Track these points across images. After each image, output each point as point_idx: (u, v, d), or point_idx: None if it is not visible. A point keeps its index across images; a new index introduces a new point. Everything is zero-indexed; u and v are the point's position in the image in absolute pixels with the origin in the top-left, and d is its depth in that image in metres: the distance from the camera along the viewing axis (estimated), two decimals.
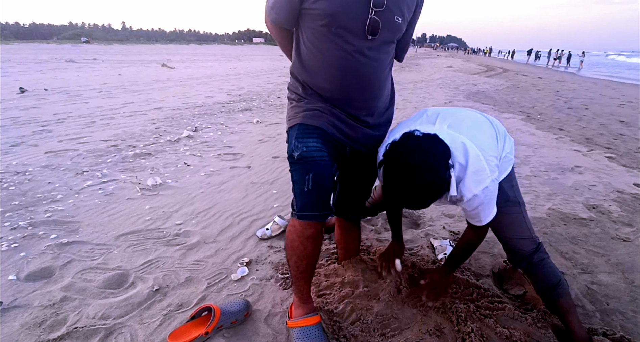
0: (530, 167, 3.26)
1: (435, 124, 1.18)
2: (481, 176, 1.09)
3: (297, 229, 1.23)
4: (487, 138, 1.19)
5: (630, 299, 1.57)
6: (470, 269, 1.73)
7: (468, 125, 1.18)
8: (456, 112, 1.26)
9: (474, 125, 1.20)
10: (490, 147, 1.16)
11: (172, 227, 2.06)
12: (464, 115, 1.25)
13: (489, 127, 1.25)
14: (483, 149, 1.11)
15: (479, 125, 1.22)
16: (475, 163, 1.08)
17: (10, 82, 8.01)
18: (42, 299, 1.46)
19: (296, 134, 1.17)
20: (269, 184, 2.73)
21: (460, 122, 1.18)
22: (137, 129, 4.17)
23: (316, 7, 1.03)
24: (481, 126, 1.22)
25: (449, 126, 1.16)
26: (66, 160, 3.07)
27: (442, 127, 1.16)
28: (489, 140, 1.18)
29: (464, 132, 1.13)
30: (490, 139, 1.19)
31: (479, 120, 1.25)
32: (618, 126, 5.21)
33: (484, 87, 9.65)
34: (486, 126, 1.24)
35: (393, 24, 1.10)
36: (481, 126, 1.22)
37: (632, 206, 2.51)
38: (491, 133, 1.22)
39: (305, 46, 1.14)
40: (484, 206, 1.15)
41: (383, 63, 1.17)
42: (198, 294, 1.52)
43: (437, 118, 1.20)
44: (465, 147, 1.09)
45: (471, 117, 1.25)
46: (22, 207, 2.21)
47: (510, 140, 1.35)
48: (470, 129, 1.17)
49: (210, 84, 8.72)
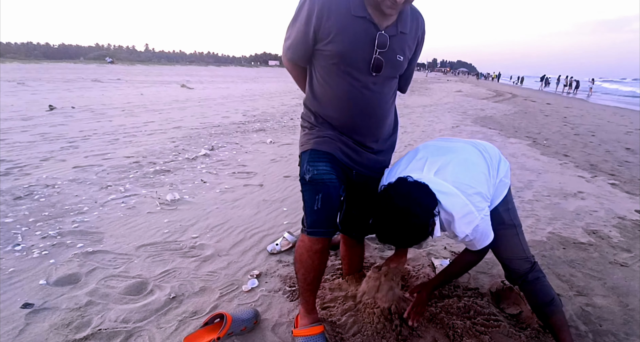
0: (533, 191, 3.34)
1: (423, 171, 1.26)
2: (470, 218, 1.19)
3: (306, 243, 1.35)
4: (475, 176, 1.25)
5: (623, 321, 1.62)
6: (468, 288, 1.81)
7: (454, 170, 1.25)
8: (445, 153, 1.32)
9: (461, 167, 1.27)
10: (479, 184, 1.24)
11: (189, 240, 2.20)
12: (452, 156, 1.31)
13: (479, 162, 1.31)
14: (469, 192, 1.19)
15: (466, 165, 1.29)
16: (462, 209, 1.17)
17: (39, 100, 8.49)
18: (69, 302, 1.60)
19: (308, 158, 1.31)
20: (280, 201, 2.87)
21: (446, 166, 1.26)
22: (158, 147, 4.41)
23: (328, 49, 1.19)
24: (469, 166, 1.29)
25: (436, 173, 1.24)
26: (92, 175, 3.28)
27: (429, 174, 1.24)
28: (478, 177, 1.25)
29: (450, 179, 1.21)
30: (479, 176, 1.27)
31: (467, 159, 1.31)
32: (623, 153, 5.25)
33: (492, 112, 9.79)
34: (475, 163, 1.31)
35: (395, 62, 1.25)
36: (469, 166, 1.29)
37: (632, 232, 2.56)
38: (481, 169, 1.30)
39: (318, 81, 1.29)
40: (478, 239, 1.25)
41: (386, 96, 1.32)
42: (211, 303, 1.64)
43: (425, 164, 1.28)
44: (450, 195, 1.17)
45: (459, 158, 1.31)
46: (51, 218, 2.40)
47: (505, 164, 1.45)
48: (457, 173, 1.24)
49: (227, 105, 9.07)
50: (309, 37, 1.19)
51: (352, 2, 1.14)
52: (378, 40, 1.17)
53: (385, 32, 1.18)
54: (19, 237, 2.13)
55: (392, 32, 1.19)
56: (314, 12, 1.14)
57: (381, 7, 1.11)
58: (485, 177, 1.29)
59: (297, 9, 1.20)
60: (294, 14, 1.21)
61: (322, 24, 1.15)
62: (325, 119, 1.32)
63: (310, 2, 1.15)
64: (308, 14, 1.16)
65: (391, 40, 1.19)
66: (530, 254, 1.47)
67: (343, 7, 1.14)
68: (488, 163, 1.35)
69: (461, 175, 1.24)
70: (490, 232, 1.29)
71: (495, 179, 1.37)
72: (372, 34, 1.16)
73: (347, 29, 1.15)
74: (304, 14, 1.17)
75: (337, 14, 1.14)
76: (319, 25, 1.16)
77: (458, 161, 1.29)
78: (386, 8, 1.11)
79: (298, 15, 1.19)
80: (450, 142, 1.45)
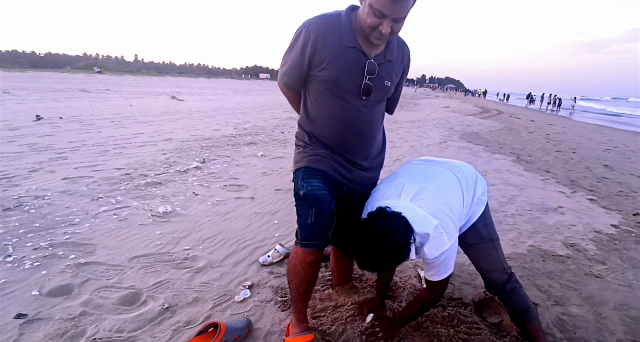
0: (515, 206, 3.48)
1: (400, 197, 1.32)
2: (440, 242, 1.26)
3: (299, 255, 1.41)
4: (449, 201, 1.33)
5: (596, 329, 1.72)
6: (452, 298, 1.89)
7: (429, 197, 1.31)
8: (423, 179, 1.39)
9: (436, 194, 1.33)
10: (453, 209, 1.32)
11: (181, 251, 2.23)
12: (428, 183, 1.37)
13: (453, 188, 1.39)
14: (442, 218, 1.27)
15: (441, 192, 1.35)
16: (434, 233, 1.25)
17: (26, 110, 8.40)
18: (63, 312, 1.62)
19: (302, 175, 1.39)
20: (271, 214, 2.93)
21: (422, 192, 1.32)
22: (148, 159, 4.43)
23: (321, 75, 1.29)
24: (444, 193, 1.35)
25: (412, 199, 1.30)
26: (82, 186, 3.29)
27: (405, 201, 1.30)
28: (451, 204, 1.33)
29: (425, 205, 1.28)
30: (454, 200, 1.35)
31: (443, 187, 1.38)
32: (602, 170, 5.48)
33: (478, 128, 10.09)
34: (450, 189, 1.38)
35: (383, 87, 1.36)
36: (444, 193, 1.35)
37: (607, 245, 2.70)
38: (456, 194, 1.37)
39: (312, 103, 1.38)
40: (443, 264, 1.32)
41: (375, 117, 1.42)
42: (204, 313, 1.68)
43: (402, 189, 1.34)
44: (424, 221, 1.25)
45: (435, 183, 1.38)
46: (42, 229, 2.40)
47: (482, 183, 1.55)
48: (432, 199, 1.30)
49: (218, 117, 9.13)
50: (304, 64, 1.29)
51: (344, 33, 1.25)
52: (367, 67, 1.27)
53: (374, 60, 1.29)
54: (10, 248, 2.13)
55: (381, 61, 1.30)
56: (309, 42, 1.24)
57: (369, 38, 1.22)
58: (459, 202, 1.37)
59: (294, 38, 1.30)
60: (291, 42, 1.31)
61: (317, 52, 1.25)
62: (318, 139, 1.41)
63: (305, 33, 1.25)
64: (304, 43, 1.26)
65: (379, 68, 1.30)
66: (508, 266, 1.56)
67: (336, 38, 1.24)
68: (463, 187, 1.41)
69: (436, 202, 1.31)
70: (452, 264, 1.35)
71: (472, 199, 1.45)
72: (362, 62, 1.27)
73: (339, 57, 1.25)
74: (299, 44, 1.27)
75: (331, 44, 1.24)
76: (314, 54, 1.26)
77: (434, 187, 1.36)
78: (374, 39, 1.22)
79: (294, 44, 1.29)
80: (429, 165, 1.51)
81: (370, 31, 1.19)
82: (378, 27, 1.16)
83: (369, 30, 1.19)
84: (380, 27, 1.15)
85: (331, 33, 1.24)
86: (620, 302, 1.95)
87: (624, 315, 1.85)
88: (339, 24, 1.25)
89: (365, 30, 1.20)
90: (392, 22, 1.15)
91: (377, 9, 1.12)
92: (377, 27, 1.16)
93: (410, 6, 1.15)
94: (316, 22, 1.25)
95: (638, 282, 2.18)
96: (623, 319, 1.82)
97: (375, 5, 1.12)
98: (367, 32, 1.20)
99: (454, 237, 1.31)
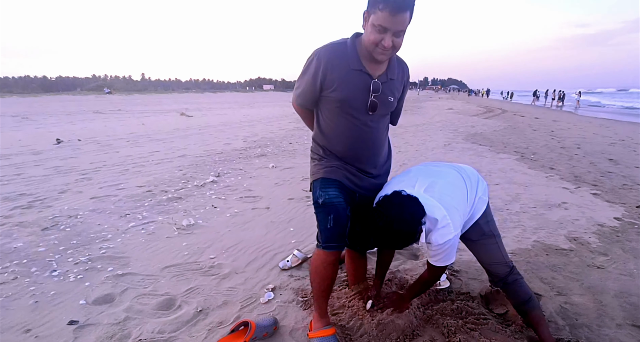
0: (520, 204, 3.60)
1: (414, 187, 1.49)
2: (446, 231, 1.43)
3: (321, 257, 1.59)
4: (456, 196, 1.50)
5: (596, 315, 1.85)
6: (461, 292, 2.04)
7: (440, 189, 1.48)
8: (434, 175, 1.56)
9: (446, 188, 1.50)
10: (459, 204, 1.49)
11: (207, 260, 2.43)
12: (439, 178, 1.54)
13: (460, 185, 1.56)
14: (450, 209, 1.43)
15: (450, 187, 1.52)
16: (442, 222, 1.41)
17: (45, 133, 8.80)
18: (109, 318, 1.81)
19: (320, 185, 1.57)
20: (287, 222, 3.12)
21: (434, 185, 1.49)
22: (167, 176, 4.67)
23: (332, 95, 1.48)
24: (453, 188, 1.52)
25: (425, 190, 1.47)
26: (109, 204, 3.52)
27: (419, 190, 1.47)
28: (459, 198, 1.50)
29: (436, 196, 1.46)
30: (460, 196, 1.52)
31: (451, 182, 1.54)
32: (607, 164, 5.56)
33: (482, 128, 10.19)
34: (458, 186, 1.55)
35: (387, 102, 1.54)
36: (453, 188, 1.52)
37: (610, 237, 2.81)
38: (462, 191, 1.54)
39: (324, 121, 1.57)
40: (447, 252, 1.48)
41: (381, 130, 1.60)
42: (234, 314, 1.86)
43: (416, 181, 1.52)
44: (435, 209, 1.42)
45: (445, 180, 1.54)
46: (79, 246, 2.62)
47: (483, 184, 1.71)
48: (442, 192, 1.47)
49: (227, 132, 9.41)
50: (316, 88, 1.49)
51: (350, 58, 1.44)
52: (372, 86, 1.47)
53: (378, 79, 1.48)
54: (54, 263, 2.35)
55: (384, 79, 1.49)
56: (320, 68, 1.44)
57: (374, 55, 1.40)
58: (464, 198, 1.54)
59: (306, 64, 1.50)
60: (304, 67, 1.52)
61: (327, 77, 1.45)
62: (332, 152, 1.60)
63: (317, 60, 1.45)
64: (315, 69, 1.46)
65: (383, 86, 1.49)
66: (509, 259, 1.71)
67: (343, 62, 1.44)
68: (467, 186, 1.59)
69: (446, 195, 1.49)
70: (454, 254, 1.52)
71: (474, 198, 1.62)
72: (367, 82, 1.46)
73: (347, 80, 1.45)
74: (312, 69, 1.47)
75: (339, 68, 1.44)
76: (325, 78, 1.46)
77: (444, 183, 1.55)
78: (378, 55, 1.39)
79: (307, 69, 1.49)
80: (437, 166, 1.71)
81: (374, 48, 1.37)
82: (381, 42, 1.34)
83: (372, 47, 1.37)
84: (383, 41, 1.33)
85: (339, 59, 1.44)
86: (620, 290, 2.08)
87: (624, 302, 1.97)
88: (346, 50, 1.45)
89: (369, 48, 1.38)
90: (393, 37, 1.33)
91: (379, 24, 1.30)
92: (380, 43, 1.34)
93: (408, 19, 1.33)
94: (326, 50, 1.45)
95: (639, 271, 2.29)
96: (623, 305, 1.94)
97: (376, 22, 1.30)
98: (371, 50, 1.38)
99: (458, 229, 1.47)
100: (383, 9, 1.26)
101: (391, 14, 1.27)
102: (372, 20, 1.32)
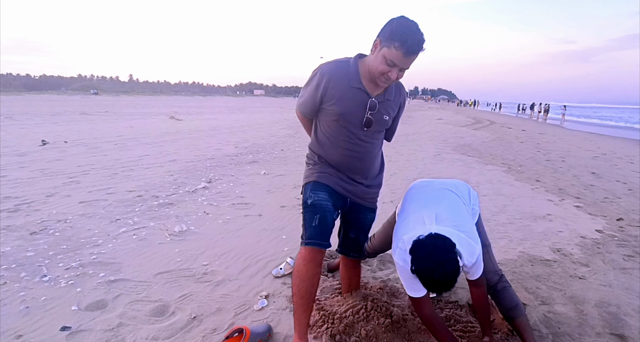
0: (507, 215, 3.71)
1: (426, 224, 1.51)
2: (472, 249, 1.48)
3: (302, 254, 1.61)
4: (463, 216, 1.57)
5: (578, 324, 1.93)
6: (449, 301, 2.10)
7: (448, 216, 1.53)
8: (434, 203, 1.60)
9: (450, 211, 1.56)
10: (468, 221, 1.56)
11: (200, 267, 2.43)
12: (439, 205, 1.59)
13: (458, 203, 1.63)
14: (465, 230, 1.50)
15: (454, 210, 1.58)
16: (466, 244, 1.46)
17: (29, 134, 8.63)
18: (102, 324, 1.81)
19: (311, 187, 1.64)
20: (279, 230, 3.14)
21: (440, 215, 1.53)
22: (157, 180, 4.65)
23: (331, 109, 1.55)
24: (455, 210, 1.58)
25: (437, 222, 1.51)
26: (99, 209, 3.49)
27: (431, 225, 1.49)
28: (465, 216, 1.58)
29: (449, 224, 1.51)
30: (465, 214, 1.59)
31: (451, 203, 1.61)
32: (589, 178, 5.76)
33: (471, 139, 10.42)
34: (458, 206, 1.60)
35: (382, 120, 1.62)
36: (455, 210, 1.58)
37: (591, 249, 2.93)
38: (463, 208, 1.61)
39: (321, 131, 1.65)
40: (478, 265, 1.54)
41: (375, 145, 1.67)
42: (228, 321, 1.88)
43: (423, 219, 1.53)
44: (455, 237, 1.44)
45: (445, 204, 1.60)
46: (70, 251, 2.59)
47: (473, 195, 1.79)
48: (451, 218, 1.52)
49: (218, 137, 9.40)
50: (317, 99, 1.57)
51: (351, 76, 1.52)
52: (369, 104, 1.54)
53: (375, 98, 1.55)
54: (44, 269, 2.32)
55: (381, 99, 1.57)
56: (322, 82, 1.52)
57: (377, 81, 1.49)
58: (467, 214, 1.63)
59: (311, 76, 1.58)
60: (308, 79, 1.60)
61: (328, 91, 1.53)
62: (326, 160, 1.67)
63: (320, 74, 1.53)
64: (318, 82, 1.54)
65: (379, 105, 1.57)
66: (498, 268, 1.78)
67: (344, 80, 1.52)
68: (463, 201, 1.68)
69: (454, 218, 1.55)
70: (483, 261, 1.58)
71: (471, 209, 1.70)
72: (365, 100, 1.54)
73: (346, 96, 1.52)
74: (315, 82, 1.55)
75: (340, 85, 1.52)
76: (325, 92, 1.54)
77: (445, 208, 1.60)
78: (381, 82, 1.50)
79: (311, 81, 1.58)
80: (429, 190, 1.74)
81: (379, 76, 1.46)
82: (387, 73, 1.43)
83: (378, 75, 1.46)
84: (390, 73, 1.42)
85: (341, 76, 1.52)
86: (600, 300, 2.17)
87: (603, 311, 2.06)
88: (348, 68, 1.53)
89: (374, 75, 1.47)
90: (399, 71, 1.43)
91: (390, 59, 1.38)
92: (386, 73, 1.43)
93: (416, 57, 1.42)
94: (329, 67, 1.54)
95: (617, 282, 2.39)
96: (602, 315, 2.03)
97: (388, 56, 1.38)
98: (376, 77, 1.47)
99: (479, 240, 1.53)
100: (398, 48, 1.35)
101: (405, 55, 1.36)
102: (384, 52, 1.39)
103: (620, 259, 2.75)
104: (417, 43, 1.36)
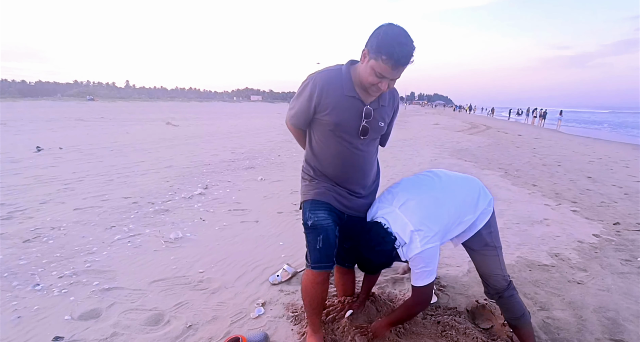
0: (504, 220, 3.71)
1: (392, 204, 1.58)
2: (414, 246, 1.49)
3: (310, 277, 1.63)
4: (434, 213, 1.54)
5: (577, 330, 1.92)
6: (448, 308, 2.08)
7: (415, 207, 1.54)
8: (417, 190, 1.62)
9: (422, 205, 1.56)
10: (437, 219, 1.53)
11: (196, 274, 2.40)
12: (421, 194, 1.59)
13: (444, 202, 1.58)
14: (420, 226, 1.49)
15: (428, 203, 1.57)
16: (410, 237, 1.49)
17: (24, 141, 8.56)
18: (96, 334, 1.78)
19: (309, 207, 1.61)
20: (276, 236, 3.12)
21: (408, 202, 1.56)
22: (153, 187, 4.61)
23: (325, 119, 1.52)
24: (431, 204, 1.56)
25: (400, 207, 1.55)
26: (94, 216, 3.45)
27: (395, 207, 1.56)
28: (437, 214, 1.54)
29: (409, 214, 1.52)
30: (440, 213, 1.55)
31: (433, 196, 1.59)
32: (585, 182, 5.78)
33: (467, 144, 10.46)
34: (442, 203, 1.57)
35: (378, 127, 1.60)
36: (431, 204, 1.56)
37: (589, 253, 2.93)
38: (445, 207, 1.57)
39: (316, 142, 1.61)
40: (424, 269, 1.51)
41: (371, 153, 1.66)
42: (224, 329, 1.85)
43: (395, 197, 1.60)
44: (404, 226, 1.49)
45: (427, 195, 1.59)
46: (63, 259, 2.56)
47: (485, 198, 1.71)
48: (414, 211, 1.53)
49: (214, 142, 9.37)
50: (310, 110, 1.53)
51: (345, 85, 1.49)
52: (364, 112, 1.52)
53: (370, 106, 1.53)
54: (37, 277, 2.28)
55: (375, 106, 1.55)
56: (316, 92, 1.48)
57: (368, 91, 1.47)
58: (446, 215, 1.56)
59: (302, 87, 1.54)
60: (299, 90, 1.55)
61: (322, 100, 1.49)
62: (322, 173, 1.64)
63: (312, 84, 1.49)
64: (310, 93, 1.50)
65: (374, 112, 1.54)
66: (507, 274, 1.73)
67: (338, 88, 1.49)
68: (457, 202, 1.60)
69: (418, 213, 1.53)
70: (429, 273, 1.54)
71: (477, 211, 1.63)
72: (359, 108, 1.51)
73: (341, 105, 1.49)
74: (307, 93, 1.51)
75: (334, 94, 1.49)
76: (319, 102, 1.50)
77: (423, 199, 1.58)
78: (372, 92, 1.47)
79: (302, 92, 1.53)
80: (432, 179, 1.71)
81: (370, 86, 1.44)
82: (377, 85, 1.40)
83: (368, 86, 1.43)
84: (380, 84, 1.40)
85: (334, 84, 1.49)
86: (599, 306, 2.16)
87: (602, 317, 2.05)
88: (340, 76, 1.50)
89: (365, 85, 1.45)
90: (390, 81, 1.40)
91: (379, 71, 1.36)
92: (376, 84, 1.41)
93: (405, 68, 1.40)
94: (321, 76, 1.50)
95: (616, 287, 2.39)
96: (601, 320, 2.02)
97: (377, 69, 1.35)
98: (367, 87, 1.45)
99: (430, 244, 1.49)
100: (386, 62, 1.32)
101: (392, 68, 1.34)
102: (372, 64, 1.36)
103: (618, 263, 2.75)
104: (405, 56, 1.32)
